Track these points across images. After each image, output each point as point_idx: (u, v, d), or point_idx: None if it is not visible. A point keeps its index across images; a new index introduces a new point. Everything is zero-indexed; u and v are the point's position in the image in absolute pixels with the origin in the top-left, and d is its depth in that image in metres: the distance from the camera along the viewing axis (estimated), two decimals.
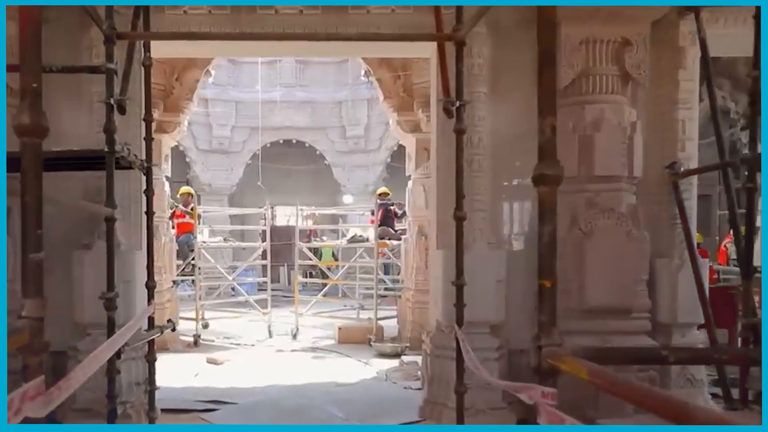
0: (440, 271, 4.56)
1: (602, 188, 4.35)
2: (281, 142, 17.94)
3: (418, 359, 7.67)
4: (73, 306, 4.50)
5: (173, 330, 4.56)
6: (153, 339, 4.29)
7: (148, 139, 4.21)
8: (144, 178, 4.39)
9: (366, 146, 17.81)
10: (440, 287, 4.57)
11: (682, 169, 4.49)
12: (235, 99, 17.50)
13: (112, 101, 3.52)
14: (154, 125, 8.64)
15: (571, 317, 4.33)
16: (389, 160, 17.59)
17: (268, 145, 17.61)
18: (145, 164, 4.21)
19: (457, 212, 3.65)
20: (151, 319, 4.29)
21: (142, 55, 4.37)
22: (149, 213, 4.26)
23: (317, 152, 18.14)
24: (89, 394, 4.24)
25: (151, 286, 4.28)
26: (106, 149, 3.55)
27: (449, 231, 4.63)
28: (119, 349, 3.57)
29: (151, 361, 4.32)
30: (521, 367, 4.74)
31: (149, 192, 4.24)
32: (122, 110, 3.57)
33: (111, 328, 3.64)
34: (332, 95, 17.78)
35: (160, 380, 6.40)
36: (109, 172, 3.56)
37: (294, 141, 18.04)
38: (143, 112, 4.31)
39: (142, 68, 4.33)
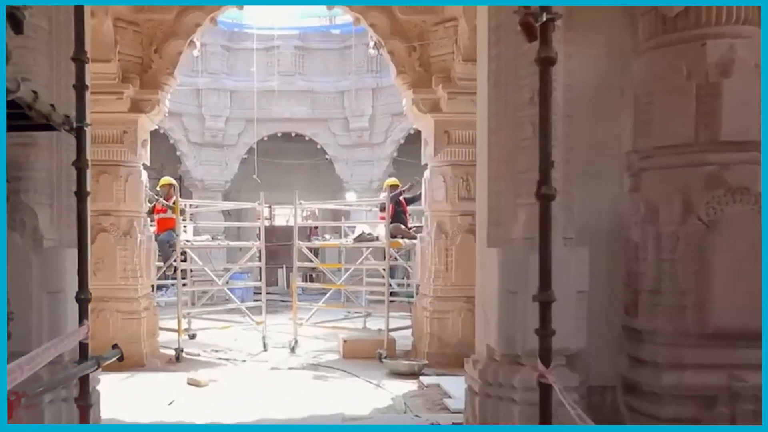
0: (495, 276, 3.25)
1: (732, 159, 3.03)
2: (279, 135, 16.78)
3: (440, 380, 6.48)
4: None
5: (120, 359, 3.25)
6: (87, 375, 2.98)
7: (80, 86, 2.90)
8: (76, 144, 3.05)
9: (371, 139, 16.70)
10: (495, 300, 3.26)
11: None
12: (230, 88, 16.46)
13: None
14: (128, 103, 7.56)
15: (686, 344, 3.03)
16: (396, 154, 16.47)
17: (265, 138, 16.48)
18: (74, 123, 2.89)
19: (543, 188, 2.34)
20: (84, 348, 2.98)
21: None
22: (80, 195, 2.95)
23: (318, 146, 16.93)
24: None
25: (84, 299, 2.98)
26: None
27: (509, 220, 3.34)
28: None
29: (84, 407, 3.01)
30: (604, 409, 3.44)
31: (81, 163, 2.92)
32: (17, 24, 2.26)
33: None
34: (334, 84, 16.69)
35: (124, 411, 5.18)
36: None
37: (293, 134, 16.86)
38: (73, 49, 2.98)
39: None
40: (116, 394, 5.72)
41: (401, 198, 9.21)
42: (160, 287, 10.59)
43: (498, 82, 3.34)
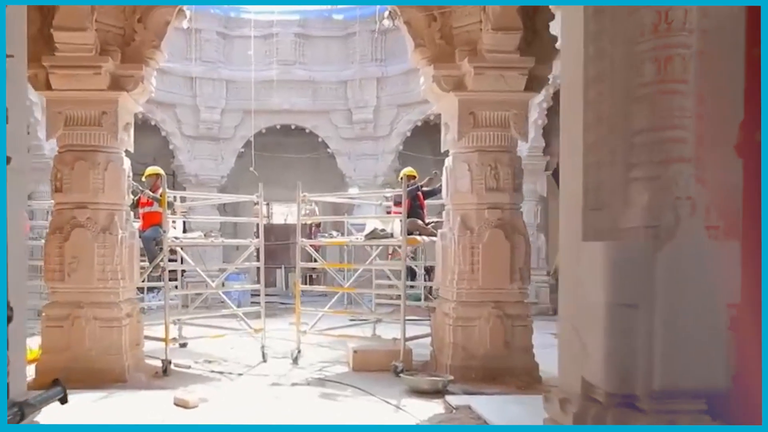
0: (598, 283, 2.28)
1: None
2: (278, 127, 15.87)
3: (471, 401, 5.56)
4: None
5: (63, 402, 2.28)
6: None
7: None
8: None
9: (375, 132, 15.78)
10: (599, 316, 2.29)
11: None
12: (226, 78, 15.56)
13: None
14: (107, 79, 6.48)
15: None
16: (402, 147, 15.53)
17: (263, 131, 15.60)
18: None
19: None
20: None
21: None
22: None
23: (319, 139, 16.00)
24: None
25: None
26: None
27: (617, 202, 2.37)
28: None
29: None
30: None
31: None
32: None
33: None
34: (336, 74, 15.78)
35: None
36: None
37: (293, 126, 15.95)
38: None
39: None
40: (88, 418, 4.80)
41: (419, 192, 8.24)
42: (150, 290, 9.64)
43: (601, 9, 2.37)
